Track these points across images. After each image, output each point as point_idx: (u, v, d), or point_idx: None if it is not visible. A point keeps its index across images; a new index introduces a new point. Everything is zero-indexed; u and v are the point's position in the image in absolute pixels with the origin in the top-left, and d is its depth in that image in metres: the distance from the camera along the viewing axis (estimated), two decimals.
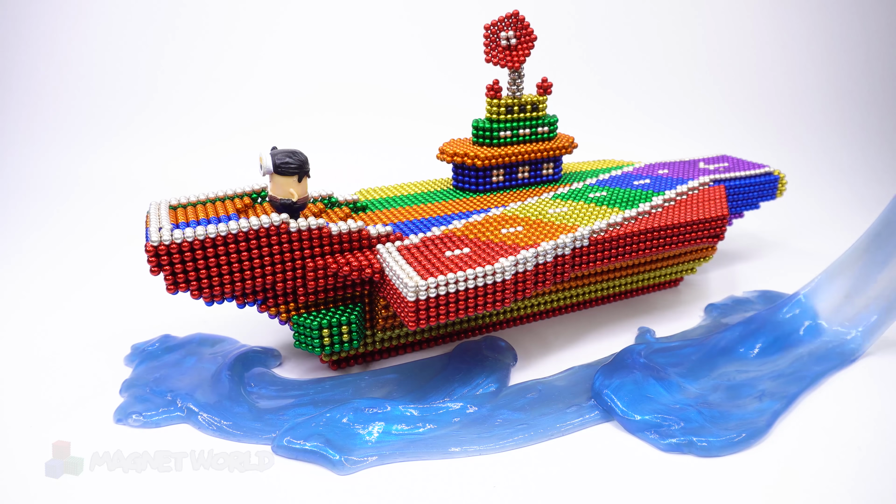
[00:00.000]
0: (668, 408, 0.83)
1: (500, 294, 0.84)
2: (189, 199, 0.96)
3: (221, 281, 0.84)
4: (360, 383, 0.92)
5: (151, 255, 0.80)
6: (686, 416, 0.81)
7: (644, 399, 0.84)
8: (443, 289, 0.80)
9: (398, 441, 0.79)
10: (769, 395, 0.86)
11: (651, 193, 1.15)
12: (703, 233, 1.09)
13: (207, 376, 0.91)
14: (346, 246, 0.89)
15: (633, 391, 0.85)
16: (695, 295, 1.23)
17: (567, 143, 1.18)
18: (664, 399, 0.85)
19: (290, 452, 0.77)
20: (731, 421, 0.81)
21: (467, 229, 0.97)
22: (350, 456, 0.76)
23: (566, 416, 0.84)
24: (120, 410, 0.84)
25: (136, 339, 1.03)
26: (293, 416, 0.83)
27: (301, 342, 0.89)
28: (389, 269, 0.84)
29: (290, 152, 0.86)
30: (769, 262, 1.40)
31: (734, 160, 1.41)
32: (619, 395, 0.84)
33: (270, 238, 0.84)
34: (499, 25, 1.12)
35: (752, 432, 0.79)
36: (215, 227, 0.81)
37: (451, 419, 0.83)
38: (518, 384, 0.92)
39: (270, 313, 0.91)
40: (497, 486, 0.73)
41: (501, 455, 0.78)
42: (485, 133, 1.14)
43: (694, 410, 0.82)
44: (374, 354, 0.99)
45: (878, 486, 0.72)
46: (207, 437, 0.81)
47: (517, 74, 1.14)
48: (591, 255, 0.97)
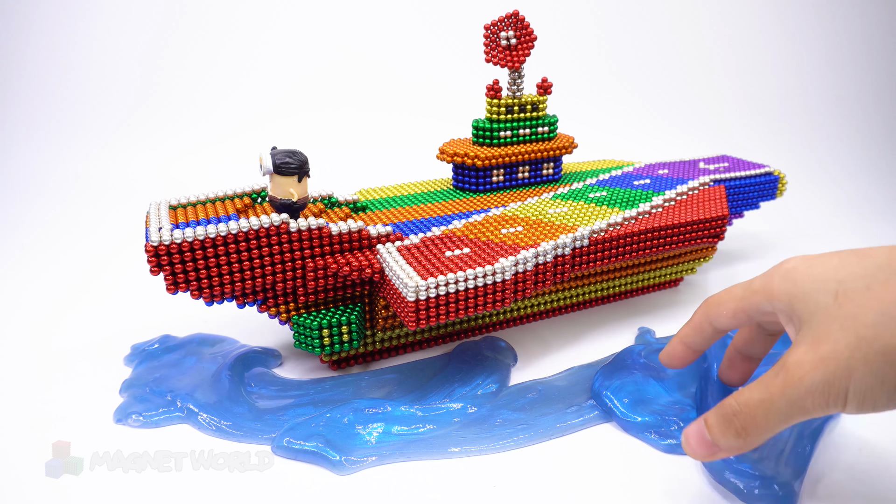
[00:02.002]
0: (668, 408, 0.83)
1: (500, 294, 0.84)
2: (189, 199, 0.96)
3: (221, 281, 0.84)
4: (360, 383, 0.92)
5: (151, 255, 0.80)
6: (686, 417, 0.81)
7: (644, 400, 0.84)
8: (443, 289, 0.80)
9: (398, 441, 0.79)
10: None
11: (651, 193, 1.15)
12: (703, 233, 1.08)
13: (207, 376, 0.91)
14: (346, 246, 0.89)
15: (633, 392, 0.85)
16: (695, 295, 1.23)
17: (567, 143, 1.18)
18: (664, 399, 0.85)
19: (290, 453, 0.77)
20: None
21: (467, 229, 0.97)
22: (350, 456, 0.76)
23: (566, 416, 0.84)
24: (120, 410, 0.84)
25: (136, 339, 1.03)
26: (293, 416, 0.83)
27: (301, 342, 0.89)
28: (389, 269, 0.84)
29: (290, 152, 0.86)
30: (769, 262, 1.39)
31: (734, 160, 1.41)
32: (619, 396, 0.84)
33: (270, 238, 0.84)
34: (499, 25, 1.12)
35: None
36: (215, 227, 0.81)
37: (451, 419, 0.83)
38: (518, 384, 0.92)
39: (270, 313, 0.91)
40: (497, 486, 0.73)
41: (501, 455, 0.78)
42: (485, 133, 1.14)
43: (694, 410, 0.82)
44: (374, 354, 0.99)
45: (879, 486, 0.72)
46: (207, 437, 0.81)
47: (517, 74, 1.14)
48: (591, 255, 0.97)
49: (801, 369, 0.53)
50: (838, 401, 0.53)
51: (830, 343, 0.53)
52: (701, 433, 0.59)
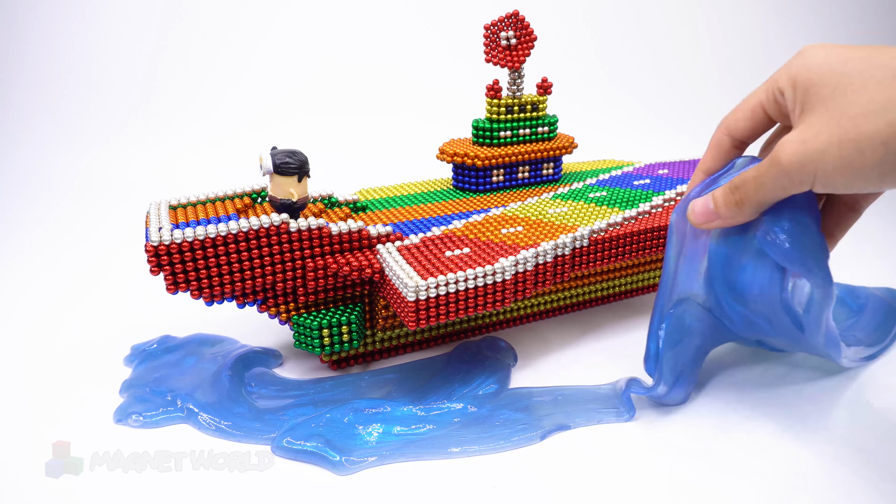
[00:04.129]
0: None
1: (500, 294, 0.84)
2: (189, 199, 0.96)
3: (221, 281, 0.84)
4: (360, 383, 0.92)
5: (151, 255, 0.80)
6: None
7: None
8: (443, 289, 0.80)
9: (398, 441, 0.79)
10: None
11: (651, 193, 1.15)
12: None
13: (207, 376, 0.91)
14: (346, 246, 0.89)
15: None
16: None
17: (567, 143, 1.18)
18: None
19: (290, 453, 0.77)
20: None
21: (467, 229, 0.97)
22: (350, 456, 0.76)
23: (566, 417, 0.84)
24: (120, 410, 0.84)
25: (136, 339, 1.03)
26: (293, 416, 0.83)
27: (301, 342, 0.89)
28: (389, 269, 0.84)
29: (290, 152, 0.86)
30: None
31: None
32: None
33: (270, 238, 0.84)
34: (499, 25, 1.12)
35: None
36: (215, 227, 0.81)
37: (451, 419, 0.83)
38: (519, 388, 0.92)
39: (270, 313, 0.91)
40: (497, 486, 0.73)
41: (501, 455, 0.78)
42: (485, 133, 1.14)
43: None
44: (374, 354, 0.99)
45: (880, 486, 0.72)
46: (207, 438, 0.81)
47: (517, 74, 1.14)
48: (591, 255, 0.97)
49: (784, 152, 0.60)
50: (807, 180, 0.60)
51: (814, 131, 0.58)
52: (706, 203, 0.72)
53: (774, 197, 0.66)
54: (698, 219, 0.73)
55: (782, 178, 0.62)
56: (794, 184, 0.62)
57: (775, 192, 0.65)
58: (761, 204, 0.67)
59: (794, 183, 0.62)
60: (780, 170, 0.61)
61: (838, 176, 0.58)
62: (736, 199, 0.68)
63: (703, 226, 0.73)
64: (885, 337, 1.01)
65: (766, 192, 0.65)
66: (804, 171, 0.60)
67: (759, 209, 0.68)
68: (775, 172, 0.62)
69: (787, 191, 0.64)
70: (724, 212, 0.70)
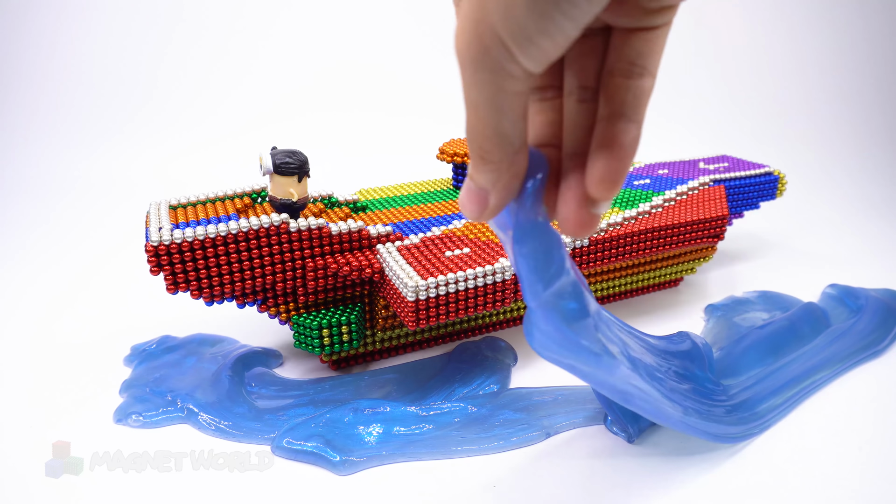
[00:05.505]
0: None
1: (500, 294, 0.84)
2: (189, 199, 0.96)
3: (221, 281, 0.84)
4: (360, 383, 0.92)
5: (151, 255, 0.80)
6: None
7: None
8: (443, 289, 0.80)
9: (398, 441, 0.79)
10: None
11: (651, 193, 1.15)
12: (703, 233, 1.09)
13: (207, 376, 0.91)
14: (346, 246, 0.89)
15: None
16: (695, 295, 1.23)
17: None
18: None
19: (290, 453, 0.77)
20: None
21: (467, 229, 0.97)
22: (350, 456, 0.76)
23: (566, 417, 0.84)
24: (120, 410, 0.84)
25: (136, 340, 1.03)
26: (293, 416, 0.83)
27: (301, 342, 0.89)
28: (389, 269, 0.84)
29: (290, 152, 0.86)
30: (769, 262, 1.40)
31: (734, 160, 1.41)
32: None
33: (270, 238, 0.84)
34: None
35: None
36: (215, 227, 0.81)
37: (452, 419, 0.83)
38: (519, 388, 0.92)
39: (270, 313, 0.91)
40: (497, 486, 0.73)
41: (501, 455, 0.78)
42: None
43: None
44: (374, 354, 0.99)
45: (879, 486, 0.72)
46: (207, 437, 0.81)
47: None
48: (591, 255, 0.97)
49: (457, 42, 0.39)
50: (496, 45, 0.38)
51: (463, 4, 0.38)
52: (468, 186, 0.47)
53: (499, 114, 0.42)
54: (471, 210, 0.48)
55: (473, 65, 0.40)
56: (491, 62, 0.39)
57: (491, 105, 0.41)
58: (498, 137, 0.43)
59: (491, 60, 0.39)
60: (464, 58, 0.40)
61: (512, 11, 0.36)
62: (479, 154, 0.44)
63: (480, 213, 0.47)
64: (884, 337, 1.02)
65: (487, 114, 0.42)
66: (481, 37, 0.38)
67: (503, 149, 0.44)
68: (463, 66, 0.40)
69: (500, 83, 0.41)
70: (479, 178, 0.46)
